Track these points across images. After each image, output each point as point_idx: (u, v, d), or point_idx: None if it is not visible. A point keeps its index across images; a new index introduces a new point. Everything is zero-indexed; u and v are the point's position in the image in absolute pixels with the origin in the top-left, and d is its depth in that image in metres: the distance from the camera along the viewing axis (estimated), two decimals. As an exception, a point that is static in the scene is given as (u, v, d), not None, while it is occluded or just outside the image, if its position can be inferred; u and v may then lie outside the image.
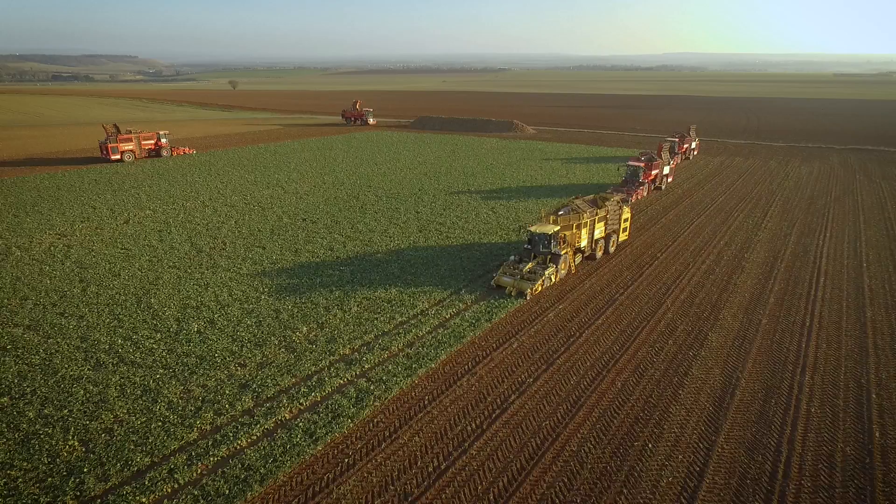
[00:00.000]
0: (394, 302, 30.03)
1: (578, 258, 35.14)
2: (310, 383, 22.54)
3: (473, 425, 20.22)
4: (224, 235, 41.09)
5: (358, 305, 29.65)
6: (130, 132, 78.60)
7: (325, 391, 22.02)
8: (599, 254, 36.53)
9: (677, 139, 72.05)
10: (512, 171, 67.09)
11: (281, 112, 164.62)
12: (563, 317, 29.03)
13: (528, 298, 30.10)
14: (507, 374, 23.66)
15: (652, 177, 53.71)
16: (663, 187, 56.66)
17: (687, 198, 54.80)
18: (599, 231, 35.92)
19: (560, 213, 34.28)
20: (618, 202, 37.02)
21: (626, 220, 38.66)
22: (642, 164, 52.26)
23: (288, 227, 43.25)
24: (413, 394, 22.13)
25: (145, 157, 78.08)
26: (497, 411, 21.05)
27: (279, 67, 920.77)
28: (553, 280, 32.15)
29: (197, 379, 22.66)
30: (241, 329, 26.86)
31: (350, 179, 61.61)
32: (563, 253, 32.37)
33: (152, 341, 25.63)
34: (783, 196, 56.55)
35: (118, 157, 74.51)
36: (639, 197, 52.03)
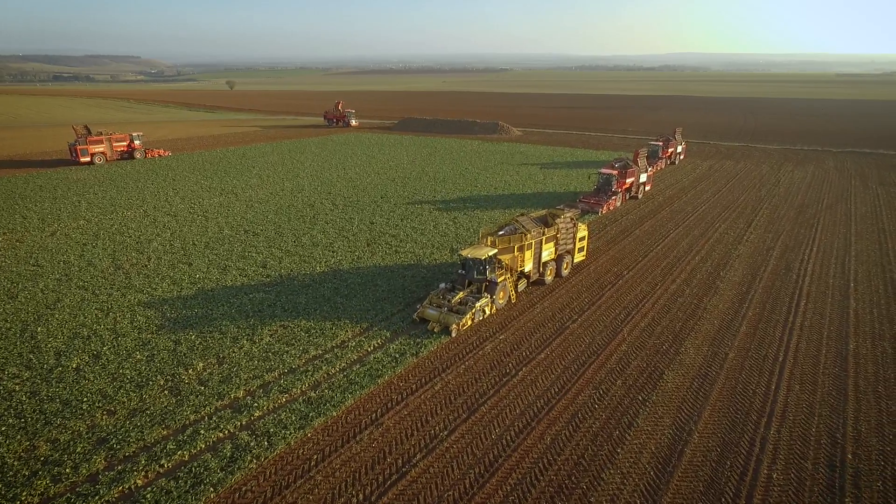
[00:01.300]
0: (313, 331, 26.55)
1: (523, 284, 31.31)
2: (181, 437, 19.06)
3: (360, 497, 16.71)
4: (153, 250, 37.68)
5: (271, 335, 26.19)
6: (101, 134, 75.62)
7: (195, 448, 18.54)
8: (549, 278, 32.45)
9: (661, 143, 68.34)
10: (486, 176, 63.51)
11: (267, 113, 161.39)
12: (501, 350, 25.49)
13: (453, 335, 26.16)
14: (419, 425, 20.13)
15: (627, 185, 49.97)
16: (640, 196, 52.99)
17: (667, 206, 51.13)
18: (548, 252, 31.93)
19: (500, 232, 30.45)
20: (571, 219, 33.10)
21: (582, 239, 34.70)
22: (615, 172, 48.46)
23: (226, 241, 39.80)
24: (300, 452, 18.62)
25: (117, 159, 75.13)
26: (393, 477, 17.54)
27: (281, 67, 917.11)
28: (488, 312, 28.00)
29: (49, 432, 19.20)
30: (126, 365, 23.41)
31: (311, 185, 58.15)
32: (499, 280, 28.52)
33: (17, 381, 22.20)
34: (772, 204, 52.87)
35: (88, 159, 71.67)
36: (610, 208, 48.32)
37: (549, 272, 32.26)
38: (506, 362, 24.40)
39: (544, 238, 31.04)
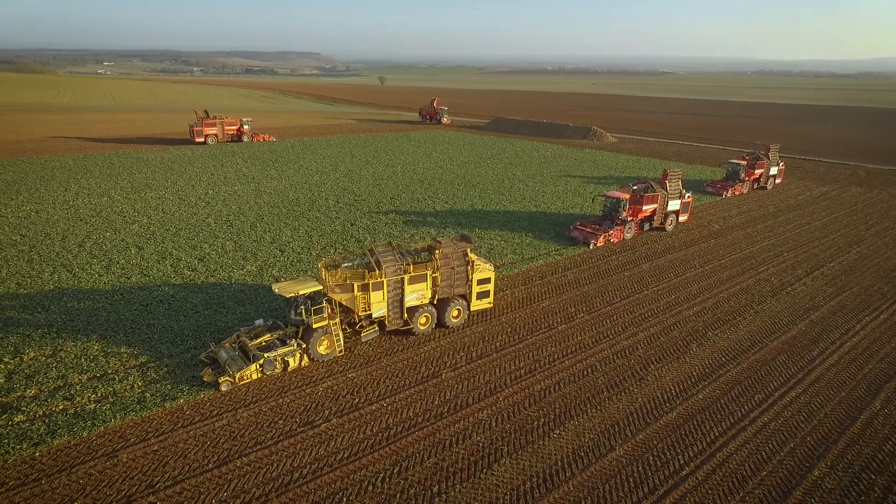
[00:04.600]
0: (166, 335, 24.79)
1: (372, 332, 24.85)
2: (-76, 431, 18.19)
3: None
4: (127, 231, 38.90)
5: (127, 333, 24.91)
6: (216, 118, 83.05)
7: (-78, 447, 17.52)
8: (424, 328, 25.54)
9: (744, 162, 56.04)
10: (526, 186, 57.25)
11: (380, 107, 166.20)
12: (336, 391, 21.45)
13: (223, 389, 20.74)
14: (161, 466, 17.12)
15: (645, 213, 40.66)
16: (669, 228, 42.91)
17: (711, 240, 41.38)
18: (418, 295, 25.02)
19: (346, 264, 24.85)
20: (460, 254, 25.63)
21: (485, 282, 26.81)
22: (626, 197, 39.63)
23: (197, 228, 39.86)
24: (3, 476, 16.69)
25: (227, 140, 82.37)
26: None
27: (440, 66, 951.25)
28: (293, 364, 22.35)
29: None
30: (-31, 344, 23.49)
31: (335, 180, 57.16)
32: (316, 326, 22.50)
33: None
34: (869, 246, 40.44)
35: (202, 139, 79.68)
36: (612, 240, 39.34)
37: (422, 321, 25.36)
38: (319, 411, 20.24)
39: (408, 276, 24.31)
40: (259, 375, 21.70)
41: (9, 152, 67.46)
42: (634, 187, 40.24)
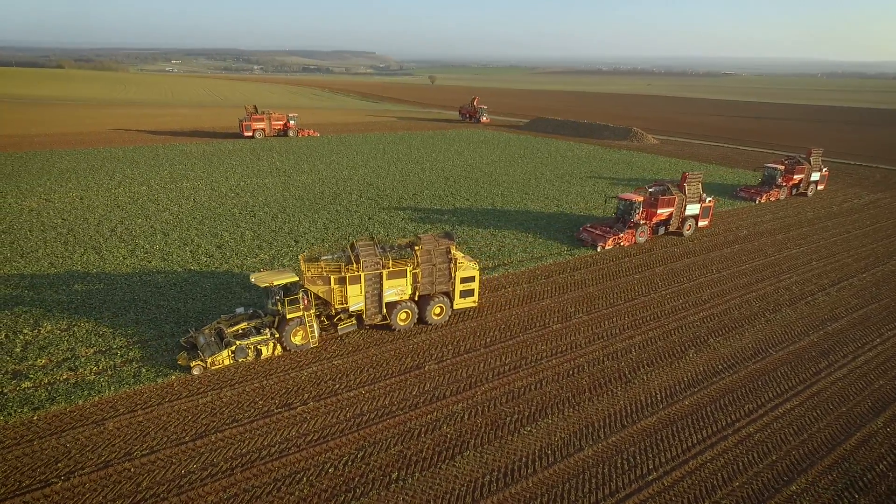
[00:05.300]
0: (171, 315, 26.11)
1: (349, 325, 25.09)
2: (-58, 391, 19.96)
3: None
4: (157, 219, 41.02)
5: (137, 312, 26.41)
6: (264, 113, 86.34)
7: (-62, 404, 19.25)
8: (403, 324, 25.45)
9: (782, 167, 53.23)
10: (551, 186, 56.47)
11: (423, 106, 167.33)
12: (320, 376, 22.09)
13: (195, 373, 21.45)
14: (142, 437, 18.22)
15: (659, 217, 38.99)
16: (687, 233, 41.04)
17: (737, 244, 39.74)
18: (397, 291, 24.93)
19: (327, 257, 24.81)
20: (442, 251, 25.42)
21: (468, 280, 26.34)
22: (639, 199, 38.09)
23: (222, 218, 41.59)
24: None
25: (274, 135, 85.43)
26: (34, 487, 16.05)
27: (493, 66, 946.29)
28: (266, 353, 22.86)
29: None
30: (-3, 315, 25.51)
31: (362, 175, 58.27)
32: (290, 316, 22.85)
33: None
34: (914, 260, 37.84)
35: (250, 133, 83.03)
36: (623, 243, 38.17)
37: (402, 316, 25.30)
38: (299, 394, 20.90)
39: (386, 272, 24.33)
40: (231, 362, 22.41)
41: (70, 143, 72.28)
42: (650, 189, 39.01)
